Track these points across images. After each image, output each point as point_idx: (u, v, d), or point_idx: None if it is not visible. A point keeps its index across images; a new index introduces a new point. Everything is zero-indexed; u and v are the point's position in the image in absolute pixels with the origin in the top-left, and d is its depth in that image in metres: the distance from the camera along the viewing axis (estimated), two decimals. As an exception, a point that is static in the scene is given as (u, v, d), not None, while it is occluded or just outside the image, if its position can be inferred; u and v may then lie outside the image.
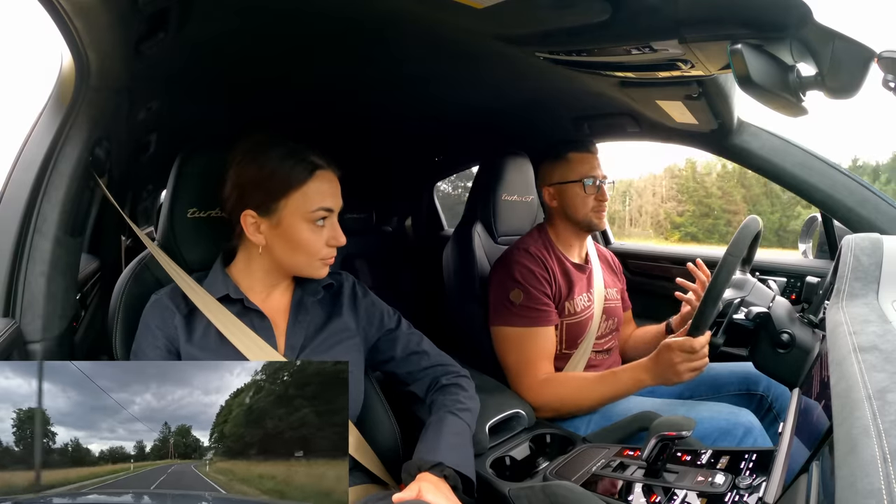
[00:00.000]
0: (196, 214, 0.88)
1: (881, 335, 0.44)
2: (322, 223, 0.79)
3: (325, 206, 0.78)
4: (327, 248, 0.80)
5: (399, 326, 0.91)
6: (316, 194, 0.77)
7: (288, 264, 0.81)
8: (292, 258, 0.80)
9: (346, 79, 1.13)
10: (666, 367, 0.96)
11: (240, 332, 0.78)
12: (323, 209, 0.78)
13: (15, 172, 0.78)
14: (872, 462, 0.29)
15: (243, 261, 0.83)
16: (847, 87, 0.61)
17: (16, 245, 0.75)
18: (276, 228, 0.78)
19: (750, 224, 0.89)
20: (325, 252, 0.80)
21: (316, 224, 0.78)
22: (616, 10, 0.67)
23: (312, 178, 0.77)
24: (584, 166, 1.22)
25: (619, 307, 1.33)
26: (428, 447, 0.76)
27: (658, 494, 0.71)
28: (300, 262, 0.80)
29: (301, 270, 0.81)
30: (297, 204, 0.77)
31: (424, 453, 0.75)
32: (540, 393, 1.10)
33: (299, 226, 0.77)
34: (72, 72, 0.75)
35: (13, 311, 0.75)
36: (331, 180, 0.80)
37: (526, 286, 1.15)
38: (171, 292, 0.81)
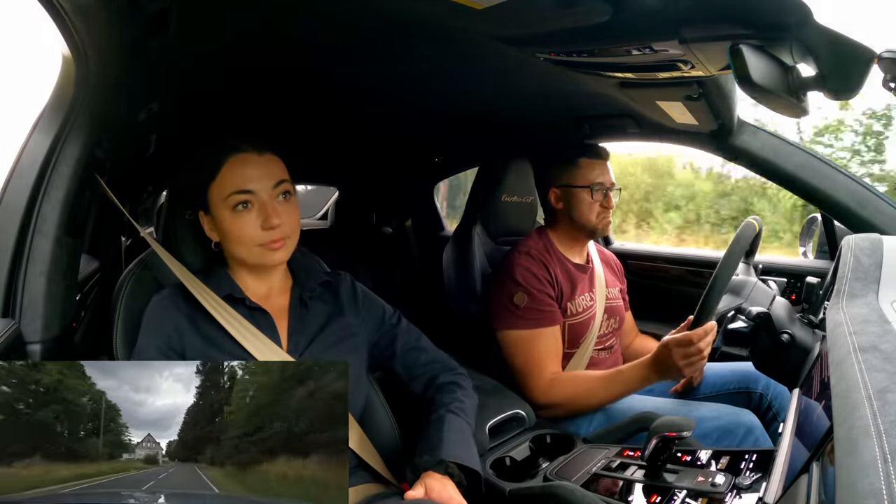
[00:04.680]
0: (194, 216, 0.88)
1: (881, 335, 0.44)
2: (243, 208, 0.76)
3: (241, 188, 0.75)
4: (263, 233, 0.76)
5: (399, 323, 0.91)
6: (229, 179, 0.76)
7: (237, 257, 0.80)
8: (235, 249, 0.79)
9: (346, 79, 1.13)
10: (667, 364, 0.97)
11: (246, 331, 0.78)
12: (238, 192, 0.75)
13: (15, 173, 0.78)
14: (872, 462, 0.29)
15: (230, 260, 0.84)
16: (847, 88, 0.61)
17: (16, 245, 0.75)
18: (214, 222, 0.79)
19: (751, 223, 0.90)
20: (260, 237, 0.76)
21: (236, 210, 0.76)
22: (616, 11, 0.67)
23: (226, 164, 0.76)
24: (594, 172, 1.22)
25: (620, 306, 1.33)
26: (430, 445, 0.76)
27: (658, 494, 0.71)
28: (241, 251, 0.78)
29: (248, 260, 0.79)
30: (216, 193, 0.77)
31: (427, 452, 0.75)
32: (549, 393, 1.11)
33: (223, 215, 0.77)
34: (72, 72, 0.75)
35: (13, 311, 0.75)
36: (248, 162, 0.77)
37: (528, 288, 1.15)
38: (171, 293, 0.81)
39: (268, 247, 0.77)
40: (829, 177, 1.11)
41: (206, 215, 0.80)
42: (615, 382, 1.06)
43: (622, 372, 1.07)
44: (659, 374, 1.01)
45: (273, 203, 0.77)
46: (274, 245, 0.77)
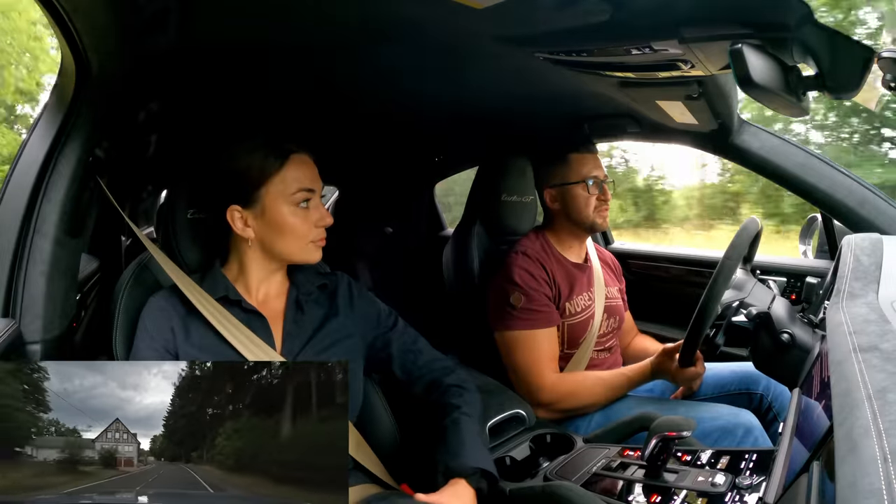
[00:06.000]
0: (196, 215, 0.88)
1: (881, 335, 0.44)
2: (305, 205, 0.80)
3: (305, 186, 0.79)
4: (316, 230, 0.81)
5: (396, 325, 0.91)
6: (294, 177, 0.79)
7: (280, 252, 0.81)
8: (283, 245, 0.80)
9: (346, 79, 1.13)
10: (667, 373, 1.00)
11: (240, 332, 0.78)
12: (303, 190, 0.79)
13: (15, 172, 0.78)
14: (873, 462, 0.29)
15: (235, 261, 0.84)
16: (847, 87, 0.61)
17: (16, 245, 0.75)
18: (261, 218, 0.79)
19: (748, 226, 0.90)
20: (314, 234, 0.81)
21: (299, 206, 0.79)
22: (616, 11, 0.67)
23: (288, 162, 0.79)
24: (586, 167, 1.22)
25: (619, 306, 1.32)
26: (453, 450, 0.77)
27: (658, 494, 0.71)
28: (292, 247, 0.81)
29: (294, 256, 0.82)
30: (278, 189, 0.78)
31: (454, 456, 0.76)
32: (548, 395, 1.11)
33: (284, 210, 0.79)
34: (72, 72, 0.75)
35: (13, 311, 0.75)
36: (306, 163, 0.81)
37: (525, 289, 1.15)
38: (167, 294, 0.81)
39: (318, 244, 0.82)
40: (828, 176, 1.11)
41: (243, 210, 0.79)
42: (617, 385, 1.07)
43: (624, 373, 1.07)
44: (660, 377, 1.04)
45: (321, 203, 0.83)
46: (321, 242, 0.83)
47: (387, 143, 1.94)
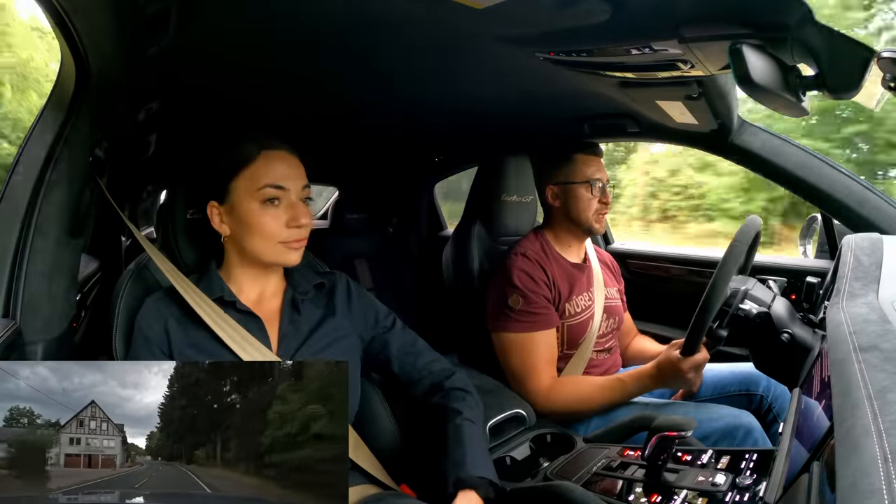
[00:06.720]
0: (195, 215, 0.88)
1: (881, 335, 0.44)
2: (276, 203, 0.76)
3: (273, 183, 0.76)
4: (288, 231, 0.77)
5: (394, 326, 0.90)
6: (262, 172, 0.76)
7: (251, 252, 0.79)
8: (252, 244, 0.78)
9: (346, 79, 1.13)
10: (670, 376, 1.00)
11: (235, 333, 0.77)
12: (272, 186, 0.76)
13: (15, 172, 0.78)
14: (873, 462, 0.29)
15: (228, 261, 0.83)
16: (847, 87, 0.61)
17: (16, 245, 0.75)
18: (231, 214, 0.78)
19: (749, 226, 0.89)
20: (285, 234, 0.77)
21: (266, 203, 0.76)
22: (616, 11, 0.67)
23: (260, 157, 0.76)
24: (590, 168, 1.22)
25: (619, 306, 1.32)
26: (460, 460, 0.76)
27: (658, 494, 0.71)
28: (260, 247, 0.77)
29: (264, 256, 0.79)
30: (246, 184, 0.76)
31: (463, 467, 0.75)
32: (546, 398, 1.11)
33: (250, 206, 0.76)
34: (72, 72, 0.75)
35: (13, 311, 0.75)
36: (283, 159, 0.78)
37: (524, 291, 1.15)
38: (162, 296, 0.80)
39: (289, 245, 0.78)
40: (828, 176, 1.11)
41: (219, 206, 0.78)
42: (614, 391, 1.07)
43: (622, 380, 1.07)
44: (660, 384, 1.03)
45: (300, 203, 0.79)
46: (295, 244, 0.78)
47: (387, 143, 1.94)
